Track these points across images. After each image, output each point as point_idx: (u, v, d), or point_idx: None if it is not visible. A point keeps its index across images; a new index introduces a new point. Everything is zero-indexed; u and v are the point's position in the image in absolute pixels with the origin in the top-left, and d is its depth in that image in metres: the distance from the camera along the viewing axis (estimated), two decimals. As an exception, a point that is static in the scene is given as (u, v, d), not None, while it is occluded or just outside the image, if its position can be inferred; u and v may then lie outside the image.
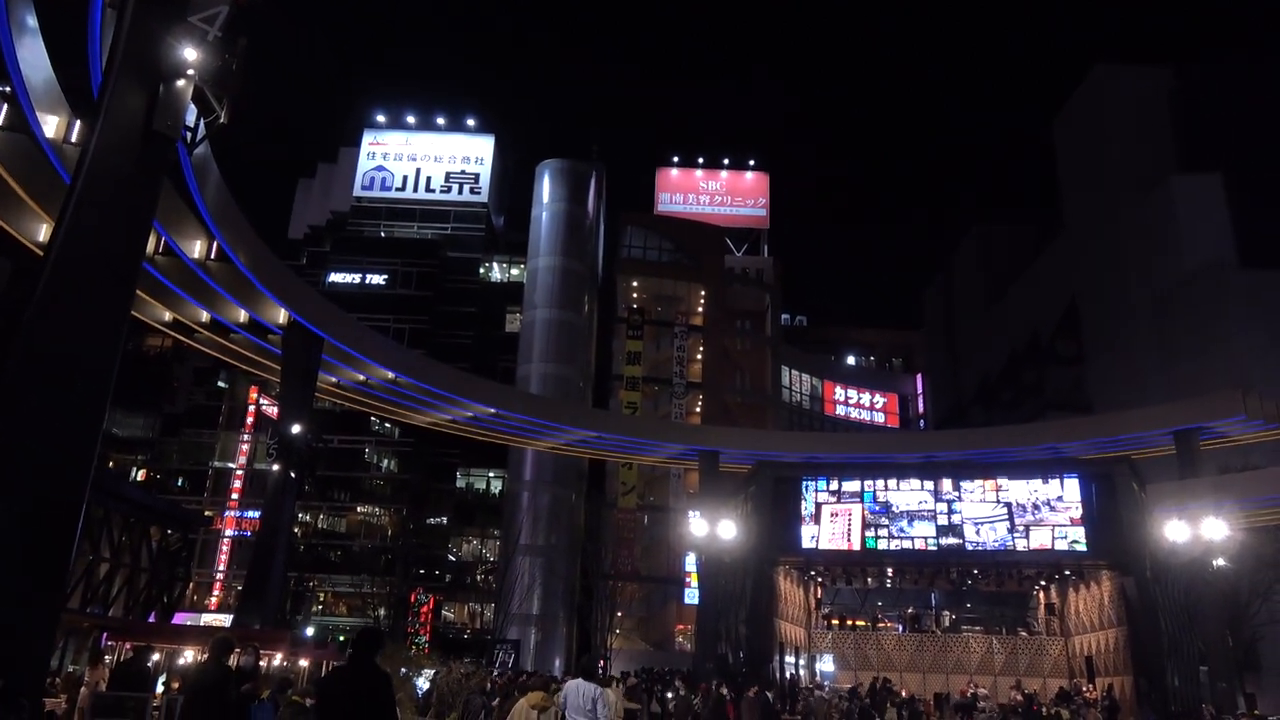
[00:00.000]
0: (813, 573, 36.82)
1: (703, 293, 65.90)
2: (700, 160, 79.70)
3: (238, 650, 10.54)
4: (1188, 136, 61.62)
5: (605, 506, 56.61)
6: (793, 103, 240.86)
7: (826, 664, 36.77)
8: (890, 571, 35.19)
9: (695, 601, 48.77)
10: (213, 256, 25.74)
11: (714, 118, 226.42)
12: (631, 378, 61.57)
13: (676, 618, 57.30)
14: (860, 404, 75.46)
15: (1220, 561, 31.23)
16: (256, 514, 51.01)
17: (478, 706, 18.45)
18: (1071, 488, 31.18)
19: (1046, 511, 31.02)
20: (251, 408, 58.89)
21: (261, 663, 18.06)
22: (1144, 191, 60.88)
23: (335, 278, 63.72)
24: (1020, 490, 31.56)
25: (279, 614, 34.80)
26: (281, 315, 29.69)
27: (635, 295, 65.12)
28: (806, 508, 33.18)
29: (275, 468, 30.40)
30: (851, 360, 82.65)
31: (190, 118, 15.70)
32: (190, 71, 14.59)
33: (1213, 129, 60.13)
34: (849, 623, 39.14)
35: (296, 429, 29.49)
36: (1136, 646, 29.36)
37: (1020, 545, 31.07)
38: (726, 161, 79.56)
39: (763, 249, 77.44)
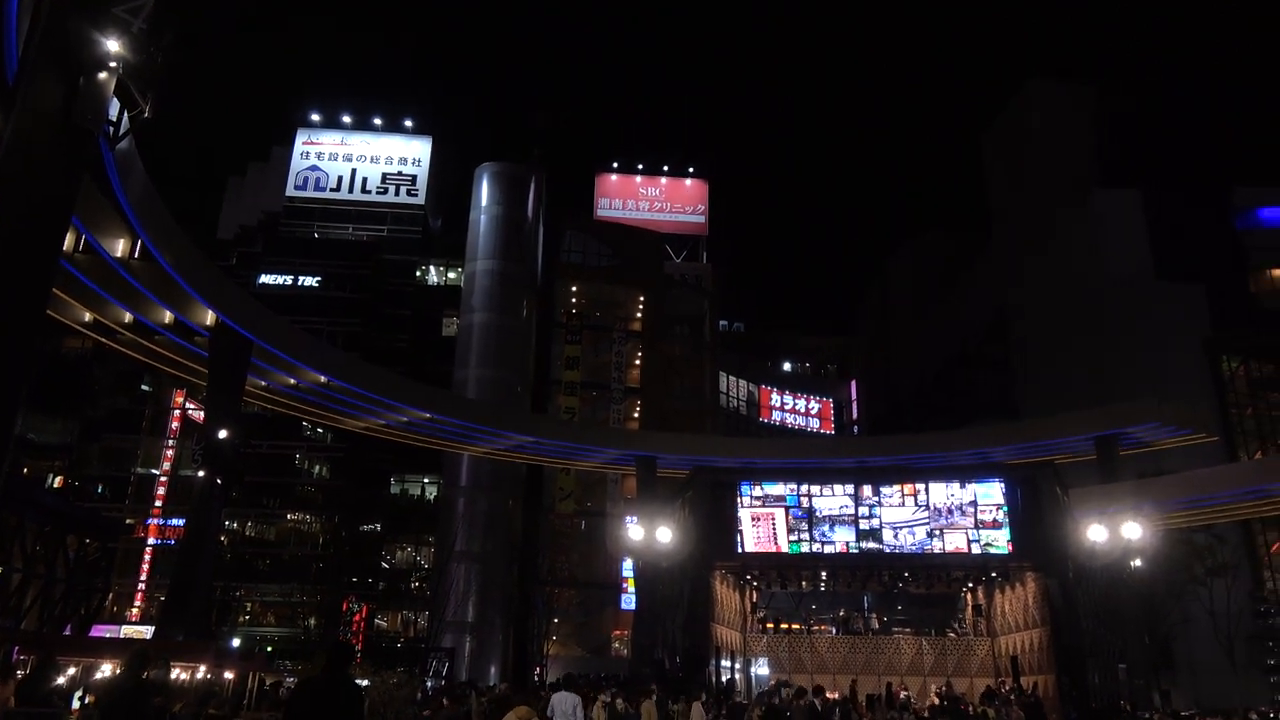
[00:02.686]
0: (748, 577, 37.10)
1: (642, 298, 66.05)
2: (640, 166, 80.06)
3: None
4: (1109, 153, 64.12)
5: (542, 512, 56.27)
6: (732, 112, 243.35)
7: (762, 667, 37.05)
8: (824, 575, 35.64)
9: (632, 607, 48.77)
10: (136, 255, 24.89)
11: (654, 124, 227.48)
12: (570, 383, 61.40)
13: (613, 623, 57.20)
14: (796, 410, 76.44)
15: (1137, 563, 32.40)
16: (181, 522, 49.45)
17: (409, 717, 18.14)
18: (995, 492, 31.98)
19: (959, 516, 31.79)
20: (177, 412, 57.07)
21: (179, 675, 17.48)
22: (1068, 204, 63.03)
23: (266, 279, 62.20)
24: (938, 494, 32.28)
25: (204, 625, 33.76)
26: (209, 317, 28.88)
27: (574, 300, 65.00)
28: (742, 513, 33.46)
29: (201, 474, 29.52)
30: (788, 366, 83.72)
31: (113, 111, 15.21)
32: (113, 63, 14.13)
33: (1132, 147, 62.75)
34: (784, 626, 39.52)
35: (223, 434, 28.71)
36: (1059, 645, 30.21)
37: (937, 548, 31.79)
38: (666, 168, 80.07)
39: (702, 255, 78.04)
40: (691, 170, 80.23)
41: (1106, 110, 66.13)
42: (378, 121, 71.09)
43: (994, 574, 34.55)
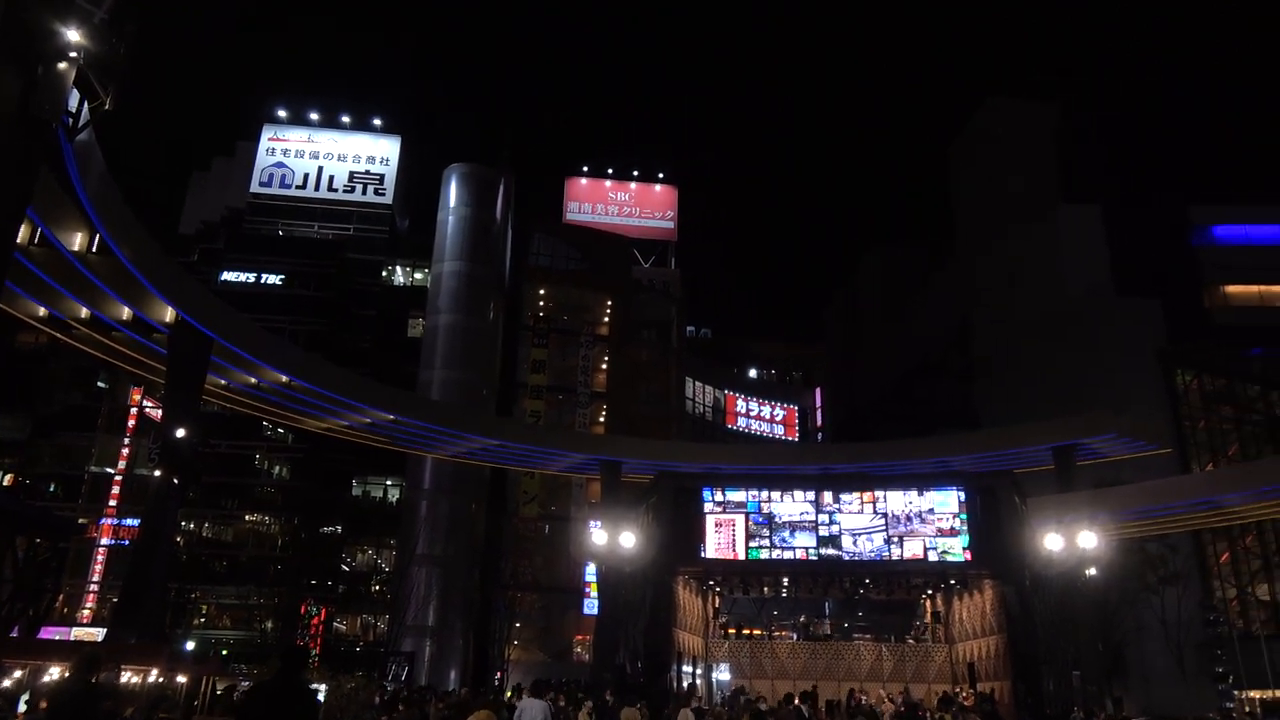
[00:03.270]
0: (711, 583, 37.21)
1: (609, 303, 66.04)
2: (610, 171, 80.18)
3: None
4: (1070, 169, 65.23)
5: (506, 515, 55.95)
6: (703, 119, 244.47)
7: (723, 673, 37.16)
8: (785, 581, 35.85)
9: (595, 612, 48.63)
10: (94, 249, 24.39)
11: (624, 130, 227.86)
12: (535, 386, 61.20)
13: (576, 628, 57.02)
14: (761, 416, 76.85)
15: (1092, 571, 32.97)
16: (136, 522, 48.51)
17: (367, 721, 17.93)
18: (951, 500, 32.41)
19: (918, 523, 32.18)
20: (134, 410, 56.00)
21: (130, 678, 17.13)
22: (1030, 218, 64.06)
23: (229, 276, 61.30)
24: (896, 502, 32.66)
25: (157, 627, 33.11)
26: (168, 313, 28.37)
27: (542, 303, 64.82)
28: (706, 518, 33.59)
29: (157, 473, 29.00)
30: (754, 373, 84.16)
31: (73, 102, 14.93)
32: (73, 54, 13.86)
33: (1093, 164, 63.88)
34: (745, 632, 39.68)
35: (181, 433, 28.20)
36: (1015, 652, 30.67)
37: (895, 555, 32.16)
38: (636, 173, 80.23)
39: (670, 261, 78.27)
40: (661, 176, 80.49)
41: (1069, 126, 67.30)
42: (346, 119, 70.41)
43: (952, 581, 34.99)
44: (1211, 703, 42.66)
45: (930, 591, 37.57)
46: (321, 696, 21.36)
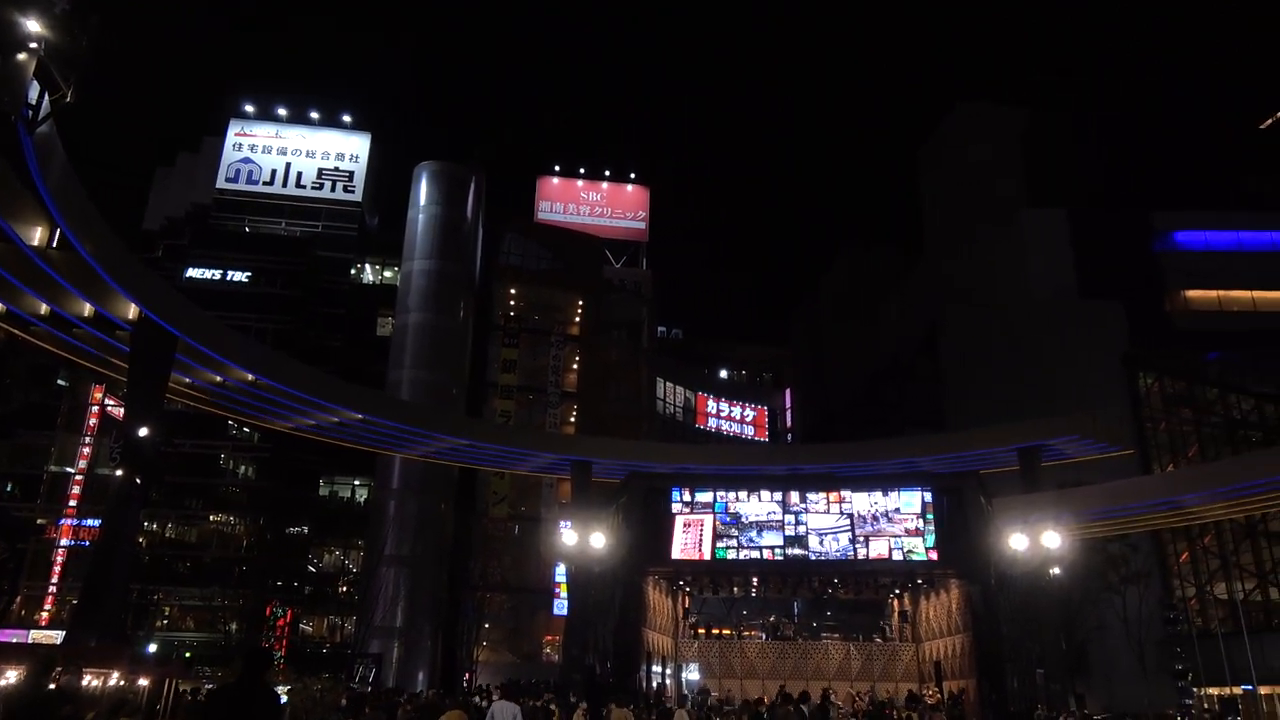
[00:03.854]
0: (681, 583, 37.29)
1: (580, 303, 65.92)
2: (582, 170, 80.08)
3: (59, 669, 9.73)
4: (1037, 174, 66.15)
5: (475, 516, 55.66)
6: (675, 120, 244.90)
7: (693, 673, 37.26)
8: (755, 581, 36.01)
9: (564, 613, 48.52)
10: (54, 244, 23.88)
11: (596, 130, 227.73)
12: (506, 386, 60.92)
13: (545, 629, 56.86)
14: (731, 417, 77.12)
15: (1056, 571, 33.43)
16: (97, 523, 47.63)
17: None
18: (916, 500, 32.74)
19: (885, 523, 32.48)
20: (95, 408, 55.00)
21: (90, 682, 16.81)
22: (996, 222, 64.84)
23: (194, 273, 60.38)
24: (861, 502, 32.93)
25: (118, 629, 32.56)
26: (131, 310, 27.85)
27: (512, 303, 64.57)
28: (675, 519, 33.66)
29: (119, 473, 28.50)
30: (724, 374, 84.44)
31: (33, 94, 14.64)
32: (33, 45, 13.59)
33: (1059, 168, 64.83)
34: (715, 632, 39.82)
35: (144, 432, 27.72)
36: (980, 651, 31.04)
37: (861, 554, 32.43)
38: (608, 173, 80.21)
39: (641, 261, 78.33)
40: (633, 176, 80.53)
41: (1036, 131, 68.22)
42: (315, 116, 69.62)
43: (919, 581, 35.34)
44: (1171, 699, 43.40)
45: (898, 591, 37.91)
46: (285, 699, 21.08)
